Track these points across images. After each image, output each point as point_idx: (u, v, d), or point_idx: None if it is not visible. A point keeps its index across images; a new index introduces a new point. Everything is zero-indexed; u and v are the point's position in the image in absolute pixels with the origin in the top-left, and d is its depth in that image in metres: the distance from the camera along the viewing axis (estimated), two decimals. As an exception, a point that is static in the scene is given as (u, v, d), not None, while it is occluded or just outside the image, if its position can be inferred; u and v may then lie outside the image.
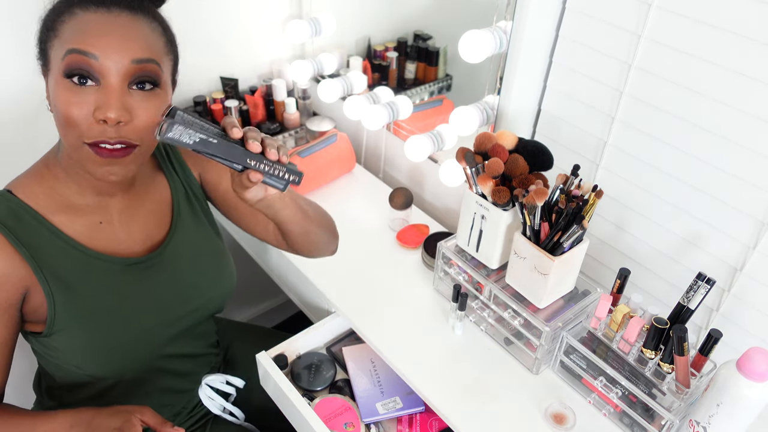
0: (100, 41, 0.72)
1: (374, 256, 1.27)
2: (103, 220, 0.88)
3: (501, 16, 1.06)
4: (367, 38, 1.52)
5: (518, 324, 1.02)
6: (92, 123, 0.73)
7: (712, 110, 0.88)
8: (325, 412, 1.05)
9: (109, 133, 0.74)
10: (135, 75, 0.74)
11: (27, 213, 0.81)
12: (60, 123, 0.75)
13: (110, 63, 0.72)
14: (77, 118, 0.73)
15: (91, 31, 0.72)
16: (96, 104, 0.73)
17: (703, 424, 0.83)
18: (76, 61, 0.72)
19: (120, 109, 0.73)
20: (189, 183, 1.00)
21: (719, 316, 0.98)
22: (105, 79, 0.73)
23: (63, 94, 0.73)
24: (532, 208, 0.92)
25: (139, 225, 0.92)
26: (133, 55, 0.73)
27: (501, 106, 1.13)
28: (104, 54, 0.72)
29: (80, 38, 0.72)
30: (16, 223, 0.80)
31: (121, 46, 0.73)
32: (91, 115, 0.73)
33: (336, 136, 1.47)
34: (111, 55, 0.72)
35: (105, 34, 0.72)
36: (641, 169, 1.00)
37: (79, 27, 0.72)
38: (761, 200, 0.87)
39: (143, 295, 0.90)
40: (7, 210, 0.80)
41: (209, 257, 1.00)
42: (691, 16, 0.85)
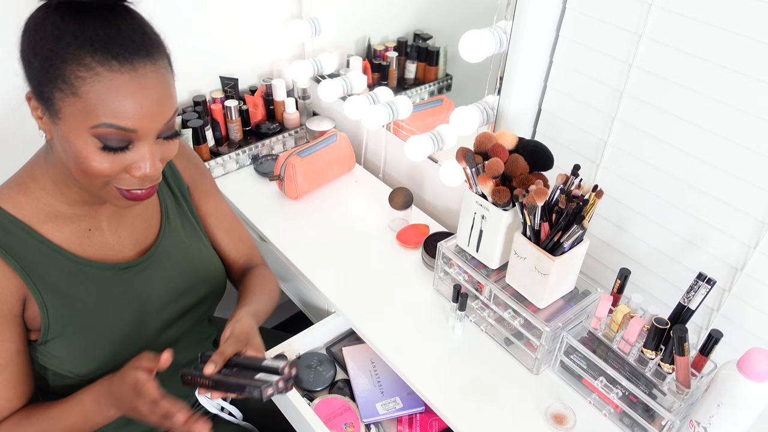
0: (137, 115, 0.70)
1: (374, 256, 1.27)
2: (92, 227, 0.87)
3: (501, 16, 1.06)
4: (367, 38, 1.51)
5: (518, 324, 1.02)
6: (126, 175, 0.74)
7: (712, 110, 0.88)
8: (325, 412, 1.04)
9: (145, 183, 0.76)
10: (164, 131, 0.75)
11: (14, 224, 0.80)
12: (81, 171, 0.73)
13: (147, 132, 0.72)
14: (108, 172, 0.73)
15: (126, 102, 0.69)
16: (132, 162, 0.73)
17: (703, 424, 0.83)
18: (111, 134, 0.70)
19: (156, 166, 0.75)
20: (177, 184, 1.00)
21: (720, 316, 0.98)
22: (140, 142, 0.73)
23: (93, 154, 0.71)
24: (533, 208, 0.91)
25: (128, 230, 0.92)
26: (165, 118, 0.74)
27: (501, 106, 1.13)
28: (142, 126, 0.71)
29: (115, 111, 0.69)
30: (3, 235, 0.79)
31: (158, 114, 0.72)
32: (122, 170, 0.74)
33: (336, 136, 1.46)
34: (148, 124, 0.72)
35: (143, 106, 0.70)
36: (641, 169, 1.00)
37: (111, 95, 0.68)
38: (761, 200, 0.87)
39: (135, 299, 0.91)
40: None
41: (198, 257, 1.01)
42: (691, 16, 0.85)
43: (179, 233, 0.99)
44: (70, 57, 0.67)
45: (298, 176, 1.38)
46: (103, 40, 0.68)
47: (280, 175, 1.40)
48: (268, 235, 1.32)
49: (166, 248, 0.96)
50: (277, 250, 1.29)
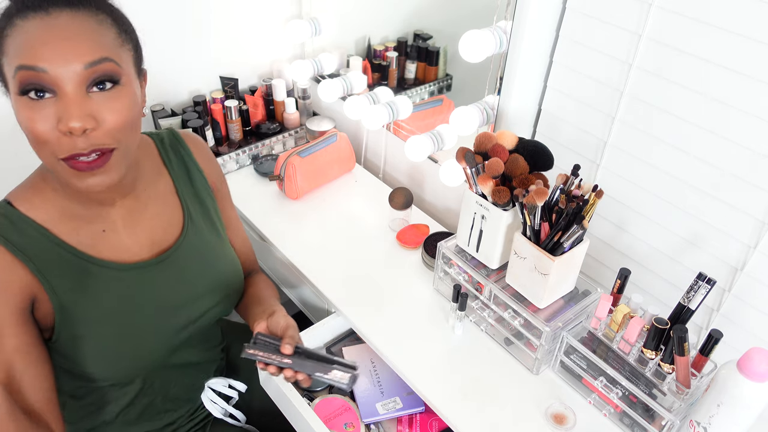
0: (44, 52, 0.67)
1: (374, 256, 1.27)
2: (106, 228, 0.86)
3: (501, 16, 1.06)
4: (367, 38, 1.51)
5: (518, 324, 1.02)
6: (59, 137, 0.70)
7: (713, 110, 0.88)
8: (325, 412, 1.04)
9: (80, 144, 0.70)
10: (91, 78, 0.70)
11: (29, 225, 0.80)
12: (30, 142, 0.72)
13: (60, 72, 0.68)
14: (43, 133, 0.69)
15: (32, 42, 0.68)
16: (57, 116, 0.69)
17: (703, 424, 0.83)
18: (26, 78, 0.68)
19: (82, 117, 0.69)
20: (202, 184, 0.98)
21: (720, 316, 0.98)
22: (60, 90, 0.69)
23: (23, 111, 0.69)
24: (532, 208, 0.91)
25: (145, 231, 0.90)
26: (83, 58, 0.69)
27: (501, 106, 1.13)
28: (52, 65, 0.67)
29: (24, 52, 0.68)
30: (18, 236, 0.78)
31: (68, 52, 0.68)
32: (56, 129, 0.69)
33: (336, 136, 1.46)
34: (59, 64, 0.68)
35: (47, 42, 0.68)
36: (641, 169, 1.00)
37: (21, 39, 0.68)
38: (761, 200, 0.87)
39: (151, 300, 0.89)
40: (8, 223, 0.79)
41: (222, 259, 0.99)
42: (691, 16, 0.85)
43: (203, 234, 0.97)
44: (2, 22, 0.70)
45: (298, 176, 1.38)
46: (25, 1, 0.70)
47: (280, 175, 1.40)
48: (268, 235, 1.32)
49: (187, 249, 0.94)
50: (277, 250, 1.29)
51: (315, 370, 0.84)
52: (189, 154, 0.97)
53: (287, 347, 0.83)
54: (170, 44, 1.44)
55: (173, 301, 0.92)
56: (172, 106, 1.51)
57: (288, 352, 0.84)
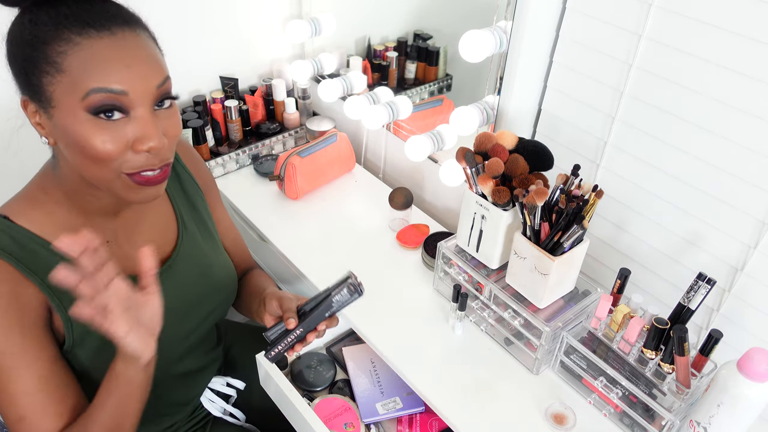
0: (124, 75, 0.68)
1: (374, 256, 1.27)
2: (109, 239, 0.85)
3: (501, 16, 1.06)
4: (367, 38, 1.51)
5: (518, 324, 1.02)
6: (132, 155, 0.71)
7: (712, 110, 0.88)
8: (325, 412, 1.04)
9: (153, 160, 0.73)
10: (159, 98, 0.72)
11: (31, 240, 0.78)
12: (86, 160, 0.71)
13: (139, 94, 0.69)
14: (112, 152, 0.70)
15: (110, 64, 0.67)
16: (133, 136, 0.70)
17: (703, 424, 0.83)
18: (101, 99, 0.68)
19: (160, 136, 0.72)
20: (192, 188, 0.98)
21: (720, 316, 0.98)
22: (135, 110, 0.70)
23: (90, 131, 0.69)
24: (532, 208, 0.91)
25: (145, 239, 0.90)
26: (156, 80, 0.71)
27: (501, 106, 1.13)
28: (132, 87, 0.69)
29: (101, 75, 0.67)
30: (22, 251, 0.76)
31: (145, 74, 0.70)
32: (127, 148, 0.71)
33: (336, 136, 1.46)
34: (138, 86, 0.69)
35: (128, 66, 0.68)
36: (641, 169, 1.00)
37: (94, 60, 0.67)
38: (761, 200, 0.87)
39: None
40: (10, 239, 0.77)
41: (215, 263, 0.99)
42: (691, 16, 0.85)
43: (197, 239, 0.97)
44: (49, 37, 0.67)
45: (298, 176, 1.38)
46: (77, 14, 0.68)
47: (280, 175, 1.40)
48: (268, 235, 1.32)
49: (184, 256, 0.94)
50: (277, 250, 1.29)
51: (323, 313, 0.87)
52: (178, 159, 0.97)
53: (291, 322, 0.86)
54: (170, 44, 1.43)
55: (175, 310, 0.91)
56: (172, 106, 1.51)
57: (294, 326, 0.86)
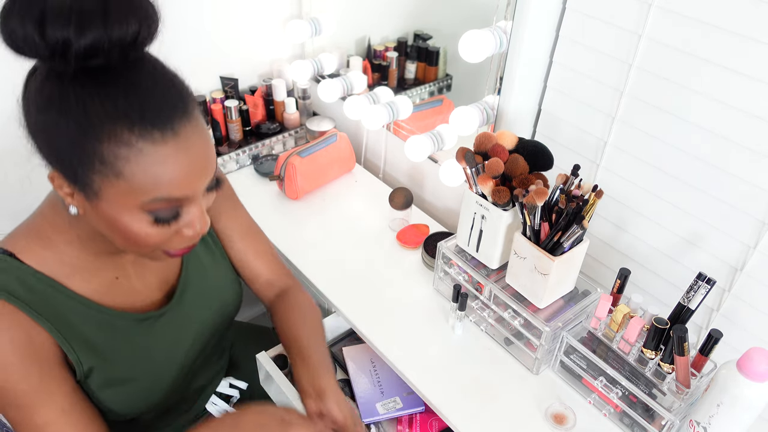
0: (188, 181, 0.65)
1: (374, 256, 1.27)
2: (119, 275, 0.83)
3: (501, 16, 1.06)
4: (367, 38, 1.51)
5: (518, 324, 1.02)
6: (176, 238, 0.70)
7: (712, 110, 0.88)
8: (325, 412, 1.04)
9: (195, 240, 0.73)
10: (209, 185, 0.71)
11: (40, 281, 0.74)
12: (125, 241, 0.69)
13: (198, 193, 0.68)
14: (158, 242, 0.69)
15: (177, 174, 0.64)
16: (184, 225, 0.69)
17: (703, 424, 0.83)
18: (163, 207, 0.66)
19: (206, 224, 0.71)
20: None
21: (719, 316, 0.98)
22: (189, 205, 0.69)
23: (143, 228, 0.67)
24: (532, 208, 0.91)
25: (153, 271, 0.88)
26: (211, 175, 0.69)
27: (501, 106, 1.13)
28: (194, 191, 0.67)
29: (168, 186, 0.64)
30: (30, 294, 0.73)
31: (205, 173, 0.68)
32: (173, 235, 0.70)
33: (336, 136, 1.47)
34: (199, 187, 0.68)
35: (193, 172, 0.65)
36: (641, 169, 1.00)
37: (161, 170, 0.62)
38: (761, 200, 0.87)
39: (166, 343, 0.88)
40: (18, 282, 0.73)
41: (220, 284, 0.97)
42: (691, 16, 0.85)
43: (201, 260, 0.94)
44: (105, 136, 0.60)
45: (298, 176, 1.38)
46: (137, 109, 0.61)
47: (280, 175, 1.40)
48: (268, 235, 1.31)
49: (190, 283, 0.91)
50: (278, 250, 1.29)
51: None
52: None
53: None
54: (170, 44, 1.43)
55: (185, 338, 0.91)
56: (172, 106, 1.51)
57: None
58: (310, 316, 0.98)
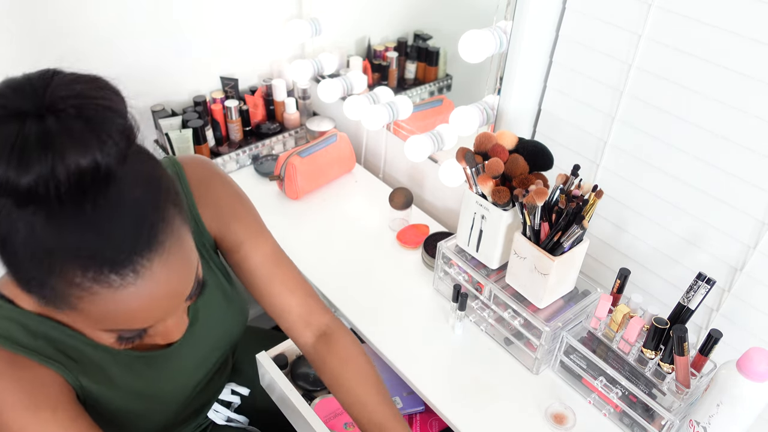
0: (151, 317, 0.60)
1: (374, 256, 1.27)
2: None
3: (501, 16, 1.06)
4: (367, 38, 1.51)
5: (518, 324, 1.02)
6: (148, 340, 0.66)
7: (712, 110, 0.88)
8: (325, 412, 1.04)
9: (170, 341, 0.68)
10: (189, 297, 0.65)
11: (41, 323, 0.70)
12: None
13: (168, 317, 0.63)
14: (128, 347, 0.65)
15: (136, 314, 0.58)
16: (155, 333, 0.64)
17: (703, 424, 0.83)
18: (130, 338, 0.62)
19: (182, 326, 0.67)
20: (202, 239, 0.85)
21: (719, 316, 0.98)
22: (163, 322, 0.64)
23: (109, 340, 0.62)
24: (532, 208, 0.91)
25: None
26: (188, 293, 0.63)
27: (501, 106, 1.13)
28: (162, 319, 0.62)
29: (127, 322, 0.59)
30: (35, 340, 0.69)
31: (177, 303, 0.62)
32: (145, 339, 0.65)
33: (336, 136, 1.47)
34: (166, 317, 0.63)
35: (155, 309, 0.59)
36: (641, 169, 1.00)
37: (118, 310, 0.56)
38: (761, 200, 0.87)
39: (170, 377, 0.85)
40: (21, 329, 0.69)
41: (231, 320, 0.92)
42: (691, 16, 0.85)
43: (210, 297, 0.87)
44: (56, 271, 0.53)
45: (298, 176, 1.38)
46: (90, 247, 0.52)
47: (280, 175, 1.40)
48: (268, 235, 1.32)
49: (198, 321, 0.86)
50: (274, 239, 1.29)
51: None
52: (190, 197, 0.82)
53: None
54: (170, 44, 1.44)
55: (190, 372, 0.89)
56: (172, 106, 1.51)
57: None
58: (368, 369, 0.88)
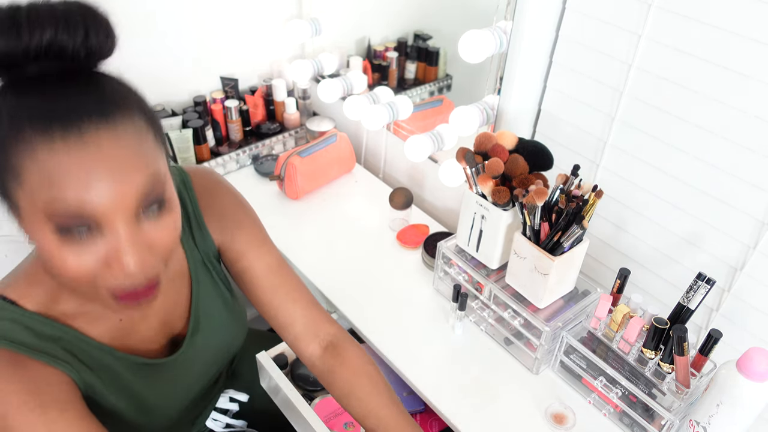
0: (90, 195, 0.55)
1: (374, 256, 1.27)
2: (122, 317, 0.77)
3: (501, 16, 1.06)
4: (367, 38, 1.52)
5: (518, 324, 1.02)
6: (108, 272, 0.60)
7: (712, 110, 0.88)
8: (325, 412, 1.04)
9: (134, 280, 0.61)
10: (141, 208, 0.60)
11: (45, 324, 0.69)
12: (58, 276, 0.62)
13: (112, 213, 0.57)
14: (86, 273, 0.60)
15: (72, 180, 0.55)
16: (108, 257, 0.59)
17: (703, 424, 0.83)
18: (67, 223, 0.56)
19: (140, 254, 0.60)
20: (206, 248, 0.85)
21: (719, 316, 0.98)
22: (110, 227, 0.58)
23: (57, 251, 0.58)
24: (532, 208, 0.92)
25: (158, 315, 0.82)
26: (135, 191, 0.58)
27: (501, 106, 1.13)
28: (102, 208, 0.56)
29: (62, 192, 0.55)
30: (39, 341, 0.68)
31: (120, 189, 0.57)
32: (103, 266, 0.60)
33: (336, 136, 1.47)
34: (110, 204, 0.57)
35: (97, 180, 0.55)
36: (641, 169, 1.00)
37: (52, 174, 0.54)
38: (761, 200, 0.87)
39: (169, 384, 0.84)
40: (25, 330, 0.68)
41: (233, 329, 0.92)
42: (691, 16, 0.85)
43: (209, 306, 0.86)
44: (9, 138, 0.55)
45: (298, 176, 1.38)
46: (42, 109, 0.55)
47: (280, 175, 1.40)
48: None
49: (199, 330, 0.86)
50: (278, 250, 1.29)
51: None
52: (196, 205, 0.83)
53: None
54: (170, 44, 1.44)
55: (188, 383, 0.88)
56: (172, 106, 1.51)
57: None
58: (379, 380, 0.86)
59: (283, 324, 0.87)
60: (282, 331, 0.88)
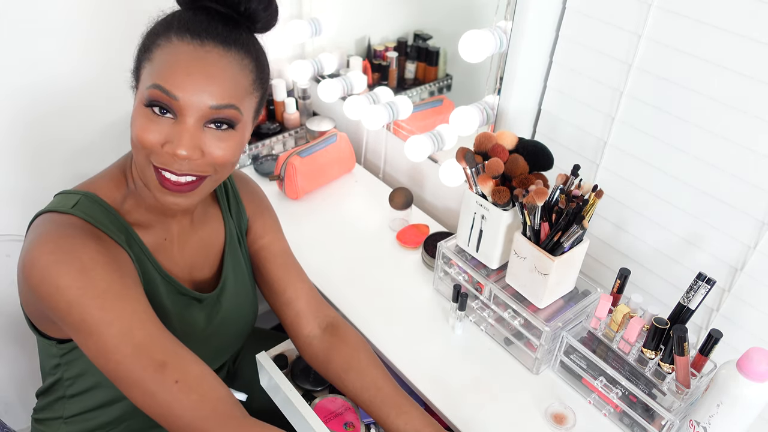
0: (184, 82, 0.71)
1: (374, 256, 1.27)
2: (167, 237, 0.87)
3: (501, 16, 1.06)
4: (367, 38, 1.52)
5: (518, 324, 1.02)
6: (161, 152, 0.73)
7: (712, 110, 0.88)
8: (325, 412, 1.04)
9: (176, 164, 0.74)
10: (212, 117, 0.73)
11: (118, 218, 0.81)
12: (132, 143, 0.76)
13: (189, 105, 0.71)
14: (149, 144, 0.73)
15: (177, 68, 0.71)
16: (168, 137, 0.73)
17: (703, 424, 0.83)
18: (157, 97, 0.71)
19: (191, 148, 0.73)
20: (240, 222, 0.98)
21: (719, 316, 0.98)
22: (182, 117, 0.72)
23: (139, 119, 0.73)
24: (532, 208, 0.92)
25: (190, 252, 0.91)
26: (213, 100, 0.72)
27: (501, 106, 1.13)
28: (185, 96, 0.71)
29: (166, 74, 0.71)
30: (113, 227, 0.80)
31: (203, 90, 0.71)
32: (162, 143, 0.73)
33: (336, 136, 1.47)
34: (191, 97, 0.71)
35: (190, 74, 0.71)
36: (641, 169, 1.00)
37: (169, 59, 0.72)
38: (761, 200, 0.87)
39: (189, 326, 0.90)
40: (105, 214, 0.80)
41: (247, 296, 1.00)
42: (691, 16, 0.85)
43: (237, 262, 0.97)
44: (161, 32, 0.73)
45: (298, 176, 1.38)
46: (191, 22, 0.73)
47: (280, 175, 1.40)
48: (268, 235, 1.32)
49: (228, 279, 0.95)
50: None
51: None
52: (234, 187, 0.98)
53: None
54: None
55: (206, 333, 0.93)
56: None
57: None
58: (376, 358, 0.95)
59: (290, 298, 0.97)
60: (286, 308, 0.97)
